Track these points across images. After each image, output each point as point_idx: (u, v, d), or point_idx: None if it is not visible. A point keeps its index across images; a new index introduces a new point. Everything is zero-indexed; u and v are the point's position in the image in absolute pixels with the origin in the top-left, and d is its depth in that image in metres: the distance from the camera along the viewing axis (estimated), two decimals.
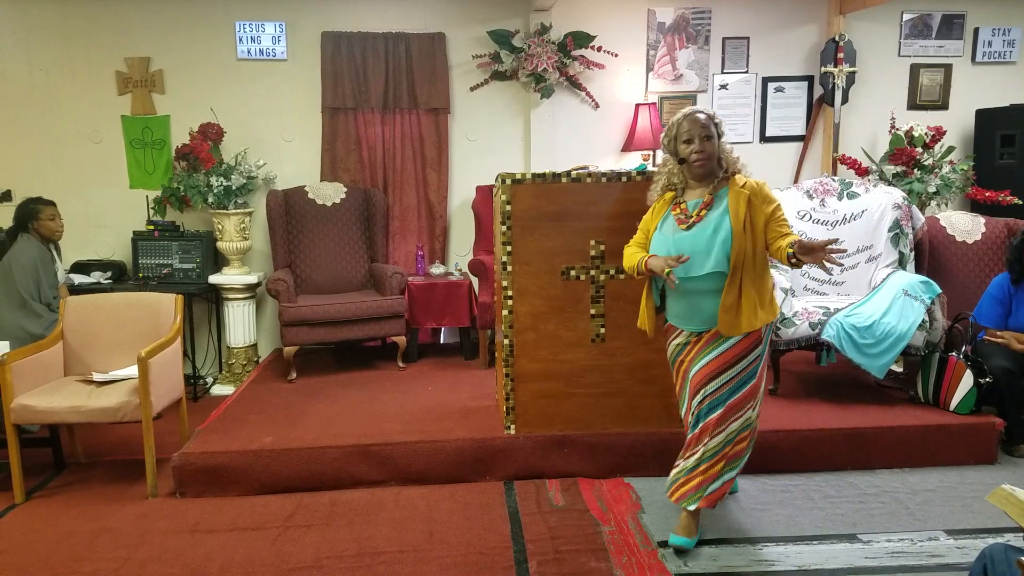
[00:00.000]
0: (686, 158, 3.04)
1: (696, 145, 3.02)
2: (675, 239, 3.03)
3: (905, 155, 5.25)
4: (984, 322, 4.17)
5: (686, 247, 2.98)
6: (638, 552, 3.07)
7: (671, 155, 3.13)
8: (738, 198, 3.04)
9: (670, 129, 3.12)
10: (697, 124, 3.04)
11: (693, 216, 3.04)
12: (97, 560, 3.06)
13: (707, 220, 3.01)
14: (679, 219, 3.06)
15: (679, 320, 3.13)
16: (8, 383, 3.57)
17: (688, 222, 3.03)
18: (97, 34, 5.41)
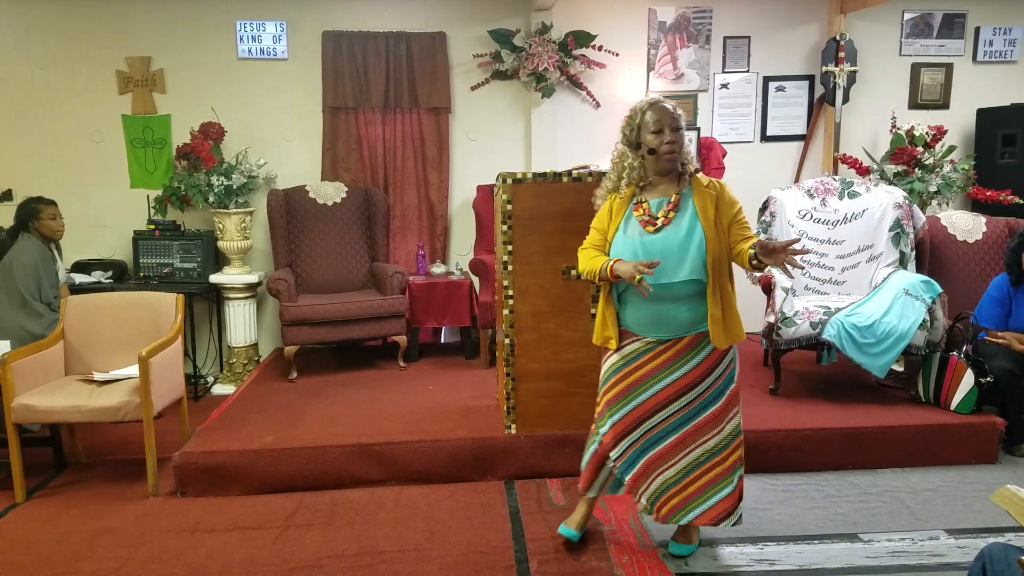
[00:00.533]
0: (655, 149, 2.79)
1: (667, 135, 2.78)
2: (643, 243, 2.81)
3: (906, 154, 5.25)
4: (984, 323, 4.17)
5: (656, 251, 2.77)
6: (638, 552, 3.07)
7: (630, 147, 2.89)
8: (705, 199, 2.85)
9: (632, 117, 2.86)
10: (667, 113, 2.81)
11: (660, 218, 2.82)
12: (98, 560, 3.07)
13: (678, 223, 2.81)
14: (644, 221, 2.83)
15: (642, 328, 2.87)
16: (9, 382, 3.57)
17: (656, 224, 2.81)
18: (98, 33, 5.41)
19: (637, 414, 2.91)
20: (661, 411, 2.90)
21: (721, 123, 5.86)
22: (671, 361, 2.86)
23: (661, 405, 2.89)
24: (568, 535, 3.09)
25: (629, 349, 2.90)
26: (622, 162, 2.93)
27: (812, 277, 4.74)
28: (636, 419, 2.92)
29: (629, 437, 2.94)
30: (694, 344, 2.85)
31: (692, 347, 2.85)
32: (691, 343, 2.85)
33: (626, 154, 2.91)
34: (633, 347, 2.90)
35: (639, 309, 2.87)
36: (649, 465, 2.95)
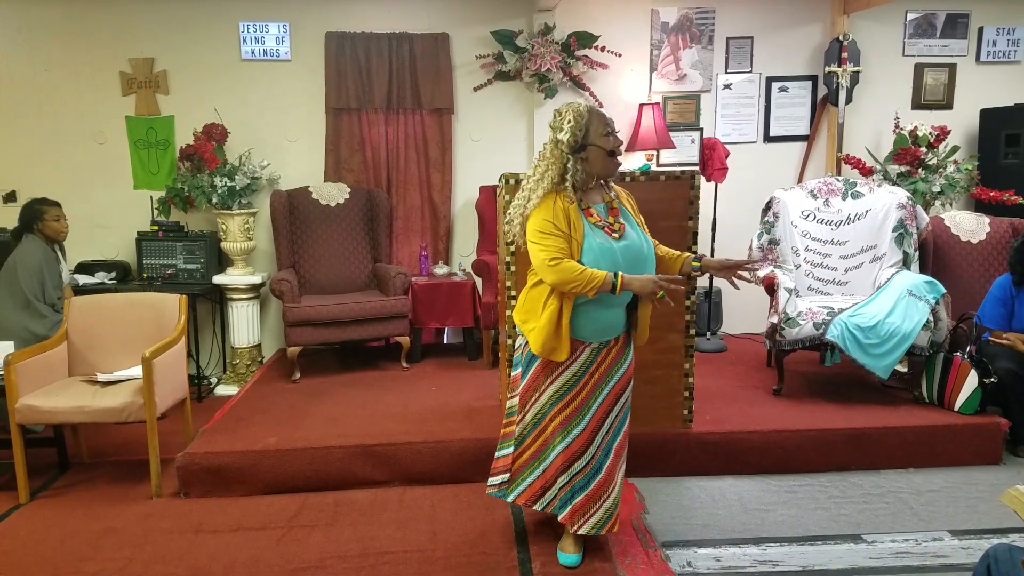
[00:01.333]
0: (614, 149, 2.78)
1: (617, 138, 2.82)
2: (618, 249, 2.75)
3: (909, 155, 5.24)
4: (987, 323, 4.16)
5: (630, 258, 2.76)
6: (641, 552, 3.06)
7: (570, 150, 2.75)
8: (634, 206, 2.95)
9: (579, 117, 2.74)
10: (606, 116, 2.84)
11: (615, 224, 2.80)
12: (101, 560, 3.07)
13: (632, 232, 2.83)
14: (605, 227, 2.78)
15: (595, 335, 2.83)
16: (13, 383, 3.58)
17: (617, 231, 2.78)
18: (101, 35, 5.42)
19: (588, 433, 2.87)
20: (604, 423, 2.90)
21: (724, 124, 5.85)
22: (614, 361, 2.90)
23: (604, 415, 2.90)
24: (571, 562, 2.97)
25: (580, 362, 2.83)
26: (561, 163, 2.77)
27: (815, 278, 4.73)
28: (586, 440, 2.87)
29: (577, 464, 2.89)
30: (626, 341, 2.96)
31: (624, 346, 2.95)
32: (624, 342, 2.94)
33: (564, 157, 2.77)
34: (582, 359, 2.84)
35: (593, 316, 2.80)
36: (592, 497, 2.90)
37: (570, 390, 2.85)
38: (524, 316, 2.85)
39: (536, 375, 2.87)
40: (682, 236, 3.69)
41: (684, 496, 3.59)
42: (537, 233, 2.73)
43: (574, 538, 3.00)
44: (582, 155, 2.77)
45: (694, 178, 3.69)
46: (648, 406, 3.81)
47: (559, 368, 2.83)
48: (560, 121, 2.79)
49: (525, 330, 2.84)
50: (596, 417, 2.88)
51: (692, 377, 3.82)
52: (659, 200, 3.66)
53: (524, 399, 2.93)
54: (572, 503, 2.91)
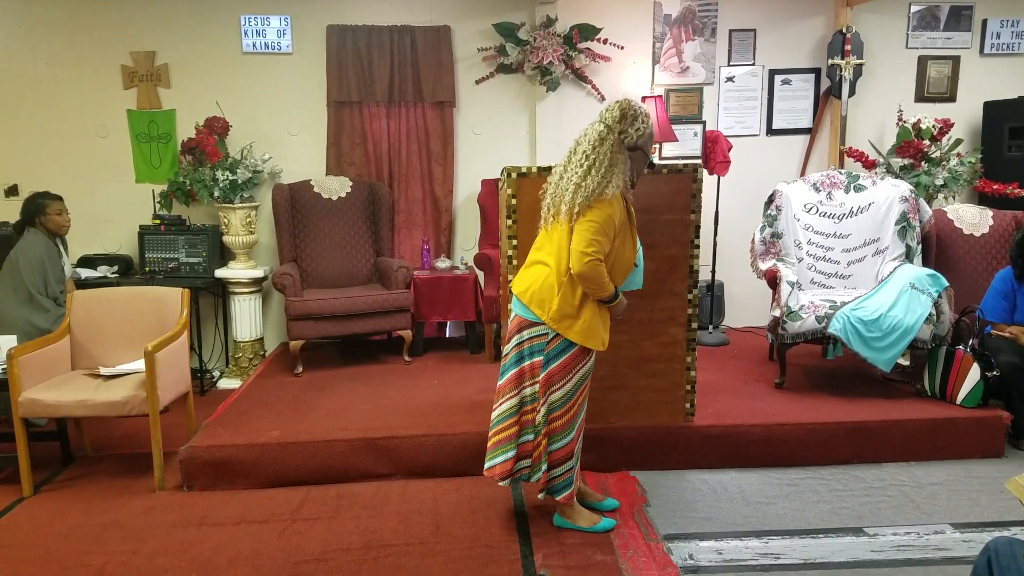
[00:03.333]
0: (654, 164, 3.03)
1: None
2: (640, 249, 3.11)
3: (912, 148, 5.23)
4: (989, 317, 4.16)
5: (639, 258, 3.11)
6: (643, 545, 3.07)
7: (629, 150, 2.86)
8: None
9: (647, 120, 2.88)
10: None
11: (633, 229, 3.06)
12: (105, 553, 3.08)
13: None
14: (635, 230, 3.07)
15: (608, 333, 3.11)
16: (16, 377, 3.59)
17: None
18: (103, 28, 5.41)
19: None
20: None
21: (727, 116, 5.84)
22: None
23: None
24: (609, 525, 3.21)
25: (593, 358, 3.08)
26: (617, 160, 2.83)
27: (818, 271, 4.73)
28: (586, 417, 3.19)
29: (581, 438, 3.16)
30: None
31: None
32: None
33: (619, 154, 2.84)
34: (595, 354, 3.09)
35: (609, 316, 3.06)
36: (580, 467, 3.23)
37: (591, 373, 3.09)
38: (559, 314, 2.89)
39: (570, 362, 2.98)
40: (684, 229, 3.68)
41: (686, 489, 3.60)
42: (594, 226, 2.79)
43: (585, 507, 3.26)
44: (633, 155, 2.88)
45: (696, 171, 3.68)
46: (650, 400, 3.81)
47: (591, 355, 3.03)
48: (629, 117, 2.84)
49: (562, 327, 2.90)
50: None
51: (694, 371, 3.82)
52: (661, 193, 3.66)
53: (546, 386, 3.00)
54: (574, 481, 3.14)
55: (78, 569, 2.97)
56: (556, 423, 3.04)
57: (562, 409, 3.02)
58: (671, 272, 3.72)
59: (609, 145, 2.83)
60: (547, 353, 2.97)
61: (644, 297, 3.70)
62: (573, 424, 3.06)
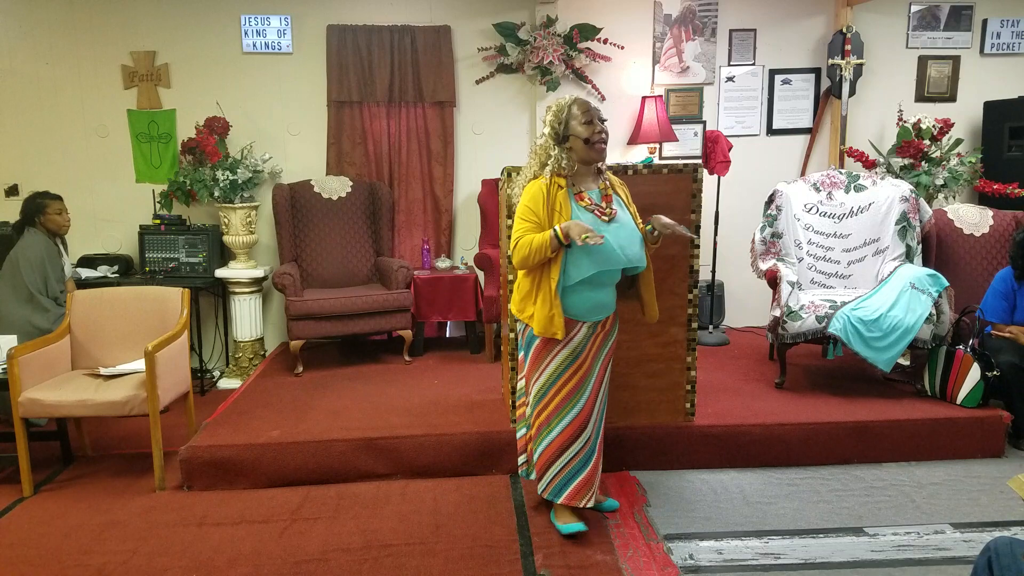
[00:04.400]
0: (589, 137, 2.95)
1: (598, 125, 2.98)
2: (610, 230, 2.94)
3: (913, 148, 5.22)
4: (989, 317, 4.16)
5: (623, 238, 2.96)
6: (643, 545, 3.07)
7: (556, 140, 3.00)
8: (627, 196, 3.14)
9: (559, 112, 2.99)
10: (592, 106, 3.03)
11: (607, 209, 2.99)
12: (105, 553, 3.08)
13: (623, 215, 3.02)
14: (596, 211, 2.97)
15: (584, 314, 3.02)
16: (16, 377, 3.59)
17: (608, 214, 2.98)
18: (103, 28, 5.41)
19: (588, 407, 3.08)
20: (599, 396, 3.14)
21: (727, 116, 5.84)
22: (606, 337, 3.11)
23: (599, 389, 3.13)
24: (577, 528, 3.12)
25: (577, 340, 3.02)
26: (546, 152, 3.01)
27: (818, 271, 4.73)
28: (587, 414, 3.08)
29: (582, 437, 3.07)
30: (614, 320, 3.17)
31: (613, 322, 3.16)
32: (612, 320, 3.15)
33: (550, 146, 3.00)
34: (579, 338, 3.02)
35: (587, 297, 3.00)
36: (592, 473, 3.12)
37: (570, 365, 3.02)
38: (520, 304, 3.05)
39: (537, 354, 3.06)
40: None
41: (686, 489, 3.60)
42: (516, 219, 3.00)
43: (570, 508, 3.15)
44: (566, 145, 2.98)
45: (697, 171, 3.68)
46: (650, 399, 3.82)
47: (558, 346, 3.00)
48: (546, 115, 3.03)
49: (524, 317, 3.03)
50: (594, 391, 3.10)
51: (694, 370, 3.82)
52: (662, 193, 3.66)
53: (528, 379, 3.13)
54: (572, 484, 3.09)
55: (78, 569, 2.97)
56: (539, 418, 3.09)
57: (542, 403, 3.07)
58: (671, 272, 3.72)
59: (537, 149, 3.06)
60: (523, 345, 3.14)
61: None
62: (555, 420, 3.05)
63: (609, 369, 3.21)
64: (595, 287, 3.00)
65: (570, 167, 3.00)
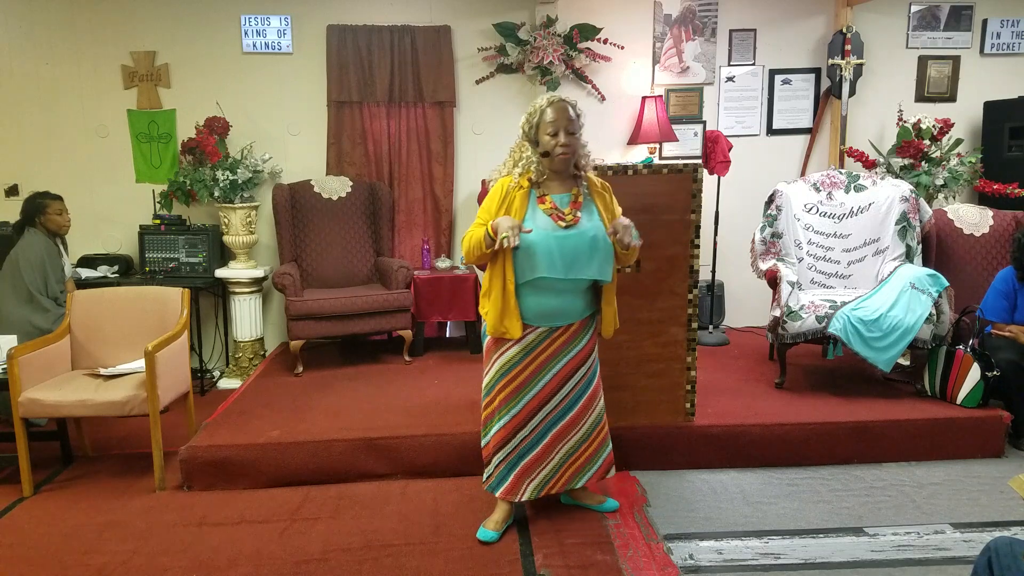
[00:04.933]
0: (549, 151, 2.91)
1: (562, 138, 2.90)
2: (556, 237, 2.89)
3: (913, 148, 5.22)
4: (990, 316, 4.16)
5: (570, 247, 2.90)
6: (643, 545, 3.07)
7: (530, 142, 3.00)
8: (604, 202, 3.05)
9: (532, 115, 2.98)
10: (564, 115, 2.92)
11: (569, 216, 2.93)
12: (106, 553, 3.08)
13: (586, 223, 2.95)
14: (554, 215, 2.92)
15: (542, 319, 3.00)
16: (16, 377, 3.59)
17: (566, 220, 2.92)
18: (103, 28, 5.41)
19: (529, 408, 3.07)
20: (547, 404, 3.08)
21: (727, 116, 5.84)
22: (564, 346, 3.05)
23: (549, 395, 3.08)
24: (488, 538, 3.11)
25: (526, 342, 3.01)
26: (520, 152, 3.01)
27: (818, 271, 4.73)
28: (528, 414, 3.08)
29: (519, 435, 3.09)
30: (583, 327, 3.09)
31: (581, 330, 3.08)
32: (581, 326, 3.08)
33: (525, 146, 3.00)
34: (528, 340, 3.01)
35: (537, 302, 2.97)
36: (528, 468, 3.12)
37: (514, 367, 3.02)
38: (482, 301, 3.06)
39: (488, 351, 3.10)
40: (684, 229, 3.69)
41: (686, 489, 3.60)
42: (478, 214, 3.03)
43: (497, 516, 3.16)
44: (538, 149, 2.96)
45: (697, 171, 3.68)
46: (650, 399, 3.82)
47: (506, 345, 3.01)
48: (524, 117, 3.03)
49: (482, 312, 3.05)
50: (538, 398, 3.07)
51: (694, 370, 3.82)
52: (662, 193, 3.66)
53: (483, 375, 3.15)
54: (508, 479, 3.11)
55: (78, 569, 2.97)
56: (486, 411, 3.13)
57: (488, 398, 3.10)
58: (671, 272, 3.72)
59: (518, 144, 3.06)
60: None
61: (644, 297, 3.71)
62: (497, 417, 3.07)
63: (573, 385, 3.12)
64: (546, 292, 2.96)
65: (539, 171, 2.97)
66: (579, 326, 3.08)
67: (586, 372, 3.15)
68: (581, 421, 3.17)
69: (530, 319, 2.99)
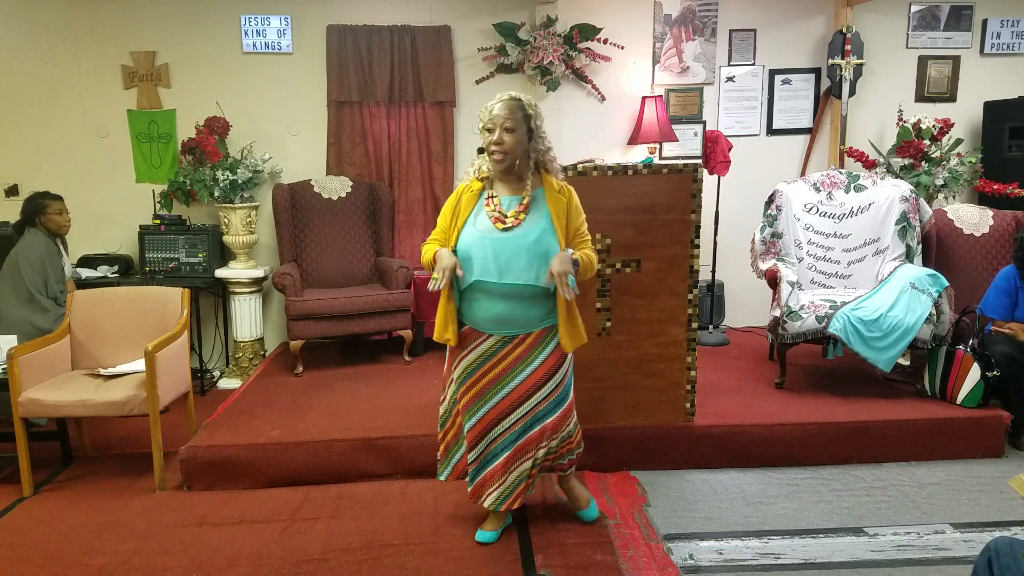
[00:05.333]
0: (484, 148, 2.82)
1: (495, 136, 2.77)
2: (492, 239, 2.79)
3: (913, 148, 5.22)
4: (991, 313, 4.16)
5: (505, 250, 2.78)
6: (643, 545, 3.07)
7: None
8: (557, 204, 2.88)
9: (482, 111, 2.85)
10: (505, 112, 2.78)
11: (511, 218, 2.80)
12: (106, 553, 3.08)
13: (529, 224, 2.81)
14: (494, 217, 2.82)
15: (489, 326, 2.89)
16: (16, 377, 3.59)
17: (505, 222, 2.80)
18: (103, 28, 5.41)
19: (492, 416, 2.96)
20: (512, 413, 2.95)
21: (727, 116, 5.84)
22: (523, 356, 2.91)
23: (513, 406, 2.94)
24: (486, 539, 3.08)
25: (480, 350, 2.92)
26: (478, 155, 2.98)
27: (818, 271, 4.73)
28: (491, 422, 2.97)
29: (481, 443, 3.01)
30: (541, 338, 2.92)
31: (540, 341, 2.91)
32: (539, 337, 2.91)
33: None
34: (483, 347, 2.92)
35: (483, 307, 2.87)
36: (493, 475, 3.00)
37: (474, 372, 2.94)
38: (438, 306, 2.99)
39: (449, 357, 3.05)
40: (684, 229, 3.69)
41: (686, 489, 3.60)
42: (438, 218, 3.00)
43: (493, 516, 3.11)
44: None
45: (697, 171, 3.68)
46: (650, 399, 3.82)
47: (465, 350, 2.94)
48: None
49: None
50: (499, 408, 2.95)
51: (694, 370, 3.82)
52: (662, 193, 3.66)
53: (444, 380, 3.10)
54: (477, 479, 3.05)
55: (78, 569, 2.97)
56: (451, 427, 3.12)
57: (453, 411, 3.08)
58: (671, 272, 3.72)
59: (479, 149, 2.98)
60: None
61: (644, 297, 3.71)
62: (462, 420, 3.03)
63: (538, 401, 2.94)
64: (490, 297, 2.84)
65: (488, 172, 2.92)
66: (537, 337, 2.91)
67: (555, 387, 2.96)
68: (547, 439, 3.00)
69: (482, 326, 2.90)
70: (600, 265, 3.69)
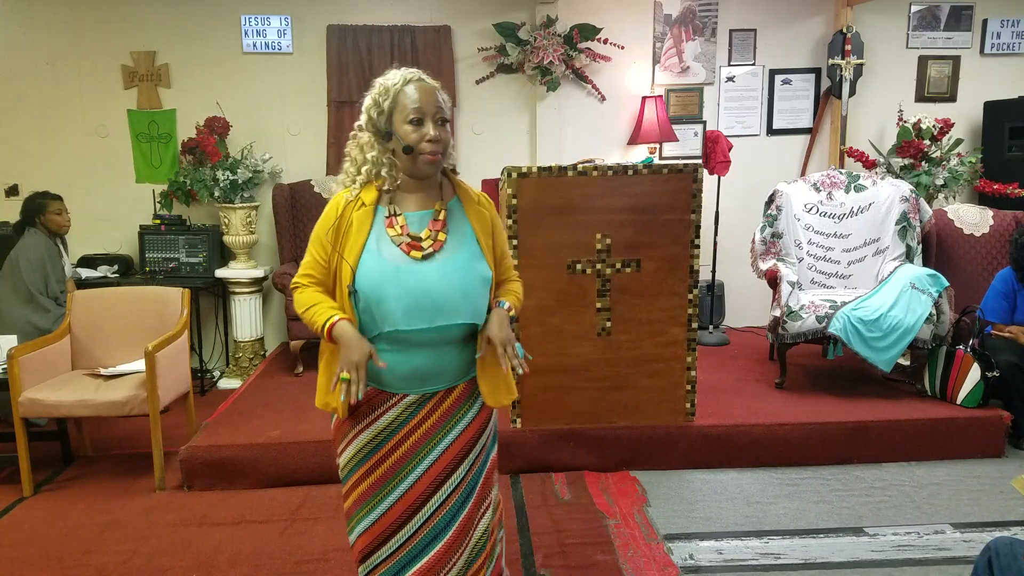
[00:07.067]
0: (413, 147, 1.98)
1: (430, 130, 1.99)
2: (410, 273, 1.98)
3: (913, 148, 5.22)
4: (990, 317, 4.16)
5: (431, 286, 1.97)
6: (643, 545, 3.07)
7: (378, 135, 2.04)
8: (482, 222, 2.12)
9: (381, 95, 2.05)
10: (432, 99, 2.03)
11: (427, 241, 2.01)
12: (106, 553, 3.08)
13: (454, 249, 2.03)
14: (405, 244, 2.00)
15: (404, 384, 2.05)
16: (16, 377, 3.59)
17: (423, 249, 1.99)
18: (103, 28, 5.41)
19: (400, 510, 2.06)
20: (429, 500, 2.06)
21: (727, 116, 5.84)
22: (444, 420, 2.08)
23: (429, 491, 2.06)
24: None
25: (385, 421, 2.06)
26: (363, 154, 2.07)
27: (818, 271, 4.73)
28: (399, 517, 2.06)
29: (388, 545, 2.08)
30: (468, 392, 2.12)
31: (467, 396, 2.12)
32: (465, 391, 2.12)
33: (373, 144, 2.05)
34: (390, 416, 2.06)
35: (402, 360, 2.03)
36: (439, 560, 2.07)
37: (374, 453, 2.07)
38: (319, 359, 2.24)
39: (334, 431, 2.17)
40: (684, 229, 3.69)
41: (686, 489, 3.60)
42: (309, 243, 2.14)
43: None
44: (389, 145, 2.04)
45: (697, 171, 3.68)
46: (650, 399, 3.82)
47: (357, 426, 2.09)
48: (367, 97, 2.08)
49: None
50: (413, 493, 2.06)
51: (694, 370, 3.82)
52: (661, 193, 3.66)
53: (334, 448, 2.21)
54: None
55: (78, 569, 2.97)
56: (347, 502, 2.15)
57: (347, 486, 2.14)
58: (671, 272, 3.72)
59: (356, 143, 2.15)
60: None
61: (644, 297, 3.71)
62: (364, 511, 2.09)
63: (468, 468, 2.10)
64: (410, 348, 2.02)
65: (391, 178, 2.05)
66: (465, 389, 2.12)
67: (480, 452, 2.14)
68: (471, 528, 2.13)
69: (393, 385, 2.06)
70: (600, 265, 3.70)
